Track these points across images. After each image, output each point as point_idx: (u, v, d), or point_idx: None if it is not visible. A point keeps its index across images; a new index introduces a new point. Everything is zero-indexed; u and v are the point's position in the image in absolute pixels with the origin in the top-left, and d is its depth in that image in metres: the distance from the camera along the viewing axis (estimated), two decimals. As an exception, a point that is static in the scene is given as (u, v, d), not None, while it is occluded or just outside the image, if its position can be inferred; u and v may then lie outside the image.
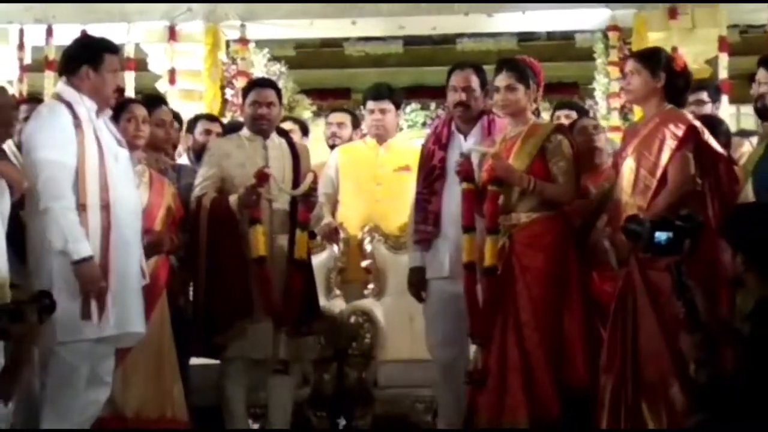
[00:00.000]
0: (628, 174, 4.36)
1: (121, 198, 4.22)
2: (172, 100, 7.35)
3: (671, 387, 4.10)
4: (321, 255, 5.70)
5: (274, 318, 4.87)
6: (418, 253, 4.98)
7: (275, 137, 5.15)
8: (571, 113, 5.87)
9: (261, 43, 8.33)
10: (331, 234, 5.69)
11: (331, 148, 6.20)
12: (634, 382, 4.19)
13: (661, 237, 3.66)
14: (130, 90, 7.72)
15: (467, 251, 4.60)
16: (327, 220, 5.68)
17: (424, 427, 5.39)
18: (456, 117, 4.98)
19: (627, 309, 4.26)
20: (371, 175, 5.76)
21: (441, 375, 4.93)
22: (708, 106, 5.51)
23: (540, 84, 4.70)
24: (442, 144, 4.96)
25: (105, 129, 4.31)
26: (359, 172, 5.80)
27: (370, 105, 5.80)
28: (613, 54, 7.76)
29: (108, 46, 4.41)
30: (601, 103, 7.90)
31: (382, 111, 5.77)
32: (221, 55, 8.04)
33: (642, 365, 4.19)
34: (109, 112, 4.40)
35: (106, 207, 4.14)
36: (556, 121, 5.70)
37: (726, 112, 7.04)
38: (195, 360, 5.09)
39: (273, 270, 4.90)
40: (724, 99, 6.88)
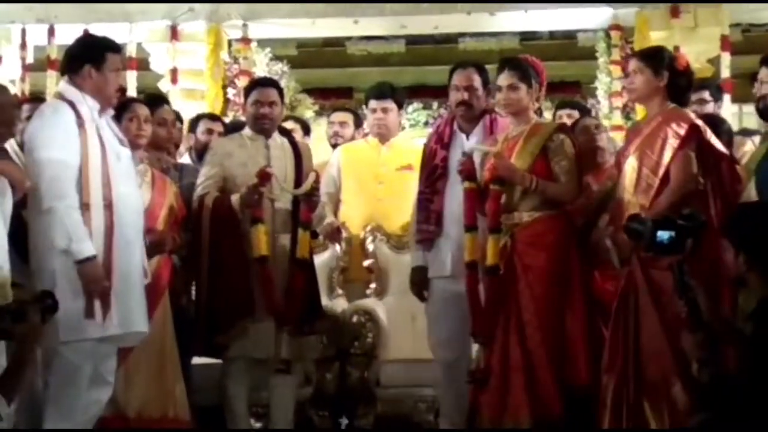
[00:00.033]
0: (630, 173, 4.35)
1: (124, 197, 4.22)
2: (174, 99, 7.33)
3: (673, 386, 4.09)
4: (323, 254, 5.69)
5: (276, 317, 4.87)
6: (420, 253, 4.98)
7: (277, 137, 5.15)
8: (574, 112, 5.87)
9: (263, 43, 8.31)
10: (334, 233, 5.67)
11: (333, 147, 6.18)
12: (636, 381, 4.19)
13: (664, 236, 3.66)
14: (132, 89, 7.70)
15: (469, 250, 4.60)
16: (329, 219, 5.66)
17: (426, 427, 5.38)
18: (458, 116, 4.97)
19: (629, 308, 4.26)
20: (373, 175, 5.75)
21: (443, 374, 4.93)
22: (710, 105, 5.51)
23: (542, 83, 4.69)
24: (444, 143, 4.95)
25: (107, 128, 4.31)
26: (361, 171, 5.78)
27: (372, 104, 5.79)
28: (616, 53, 7.73)
29: (110, 45, 4.41)
30: (604, 102, 7.87)
31: (384, 110, 5.75)
32: (223, 55, 8.02)
33: (644, 364, 4.19)
34: (112, 111, 4.40)
35: (108, 206, 4.14)
36: (558, 121, 5.70)
37: (728, 111, 7.03)
38: (197, 359, 5.09)
39: (275, 269, 4.90)
40: (726, 98, 6.88)
